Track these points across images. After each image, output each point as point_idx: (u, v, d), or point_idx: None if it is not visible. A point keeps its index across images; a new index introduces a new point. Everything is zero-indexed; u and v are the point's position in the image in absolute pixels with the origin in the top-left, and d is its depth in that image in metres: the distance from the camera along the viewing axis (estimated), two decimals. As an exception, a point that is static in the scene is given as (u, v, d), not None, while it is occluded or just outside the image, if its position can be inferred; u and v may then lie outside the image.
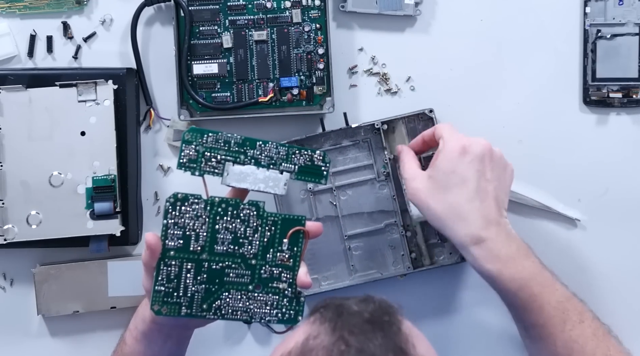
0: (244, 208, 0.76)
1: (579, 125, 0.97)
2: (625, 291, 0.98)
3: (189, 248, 0.74)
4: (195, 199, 0.74)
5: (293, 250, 0.77)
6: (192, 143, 0.75)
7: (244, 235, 0.76)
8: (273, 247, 0.76)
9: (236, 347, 0.99)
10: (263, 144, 0.76)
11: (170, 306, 0.74)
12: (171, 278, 0.74)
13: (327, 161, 0.78)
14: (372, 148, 0.95)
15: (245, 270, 0.76)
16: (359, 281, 0.95)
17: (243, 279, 0.76)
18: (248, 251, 0.76)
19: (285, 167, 0.77)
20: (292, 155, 0.77)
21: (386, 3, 0.95)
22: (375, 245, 0.95)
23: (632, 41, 0.94)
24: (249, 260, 0.76)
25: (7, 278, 0.98)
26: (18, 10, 0.96)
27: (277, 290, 0.77)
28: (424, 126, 0.95)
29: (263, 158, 0.76)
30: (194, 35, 0.94)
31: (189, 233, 0.74)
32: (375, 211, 0.95)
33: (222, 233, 0.75)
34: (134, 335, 0.83)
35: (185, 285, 0.74)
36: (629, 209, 0.97)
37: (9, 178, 0.91)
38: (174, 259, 0.74)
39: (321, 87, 0.95)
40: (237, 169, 0.76)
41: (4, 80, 0.92)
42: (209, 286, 0.75)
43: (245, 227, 0.76)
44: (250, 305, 0.76)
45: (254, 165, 0.76)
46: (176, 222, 0.74)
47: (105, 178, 0.91)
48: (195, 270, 0.75)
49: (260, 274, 0.76)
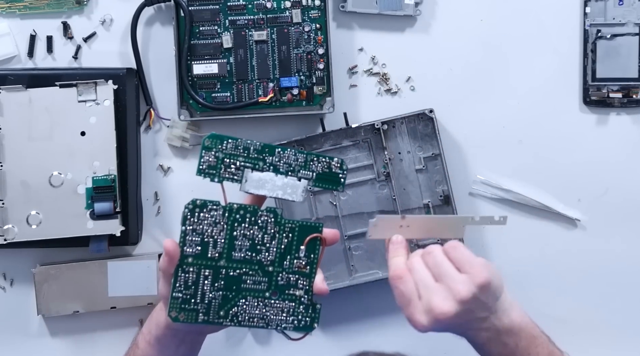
0: (262, 214, 0.75)
1: (579, 125, 0.97)
2: (625, 291, 0.98)
3: (207, 254, 0.74)
4: (214, 205, 0.74)
5: (310, 257, 0.76)
6: (212, 150, 0.74)
7: (262, 241, 0.75)
8: (290, 254, 0.76)
9: (236, 347, 0.99)
10: (282, 151, 0.76)
11: (188, 313, 0.74)
12: (189, 285, 0.74)
13: (345, 168, 0.78)
14: (372, 149, 0.95)
15: (262, 277, 0.76)
16: (359, 281, 0.95)
17: (260, 286, 0.76)
18: (265, 258, 0.76)
19: (303, 174, 0.77)
20: (310, 162, 0.77)
21: (386, 3, 0.95)
22: (376, 245, 0.95)
23: (632, 41, 0.94)
24: (266, 267, 0.76)
25: (7, 278, 0.98)
26: (18, 10, 0.96)
27: (294, 297, 0.76)
28: (424, 126, 0.95)
29: (282, 165, 0.76)
30: (194, 35, 0.94)
31: (207, 239, 0.74)
32: (375, 211, 0.95)
33: (240, 240, 0.75)
34: (147, 339, 0.82)
35: (203, 292, 0.74)
36: (629, 209, 0.97)
37: (9, 178, 0.91)
38: (192, 266, 0.74)
39: (321, 87, 0.95)
40: (256, 176, 0.75)
41: (4, 80, 0.92)
42: (226, 293, 0.75)
43: (263, 233, 0.75)
44: (267, 312, 0.76)
45: (273, 171, 0.76)
46: (194, 229, 0.73)
47: (105, 178, 0.91)
48: (212, 276, 0.74)
49: (277, 281, 0.76)
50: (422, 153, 0.95)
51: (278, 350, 0.98)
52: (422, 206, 0.95)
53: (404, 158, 0.95)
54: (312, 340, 0.97)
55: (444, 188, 0.95)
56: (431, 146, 0.95)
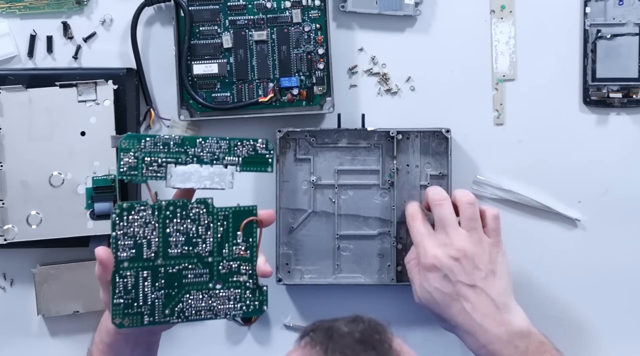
0: (192, 207, 0.75)
1: (579, 125, 0.97)
2: (625, 291, 0.98)
3: (142, 256, 0.74)
4: (142, 206, 0.74)
5: (248, 241, 0.76)
6: (130, 151, 0.74)
7: (197, 234, 0.75)
8: (228, 242, 0.76)
9: (236, 347, 0.99)
10: (203, 141, 0.75)
11: (132, 317, 0.74)
12: (128, 289, 0.73)
13: (271, 148, 0.77)
14: (382, 155, 0.95)
15: (203, 269, 0.76)
16: (341, 282, 0.95)
17: (202, 278, 0.76)
18: (203, 249, 0.75)
19: (228, 160, 0.76)
20: (234, 147, 0.76)
21: (386, 3, 0.95)
22: (365, 251, 0.95)
23: (632, 41, 0.94)
24: (205, 259, 0.75)
25: (7, 278, 0.98)
26: (18, 10, 0.96)
27: (238, 283, 0.76)
28: (437, 144, 0.94)
29: (205, 154, 0.76)
30: (194, 35, 0.94)
31: (140, 241, 0.74)
32: (372, 217, 0.95)
33: (174, 236, 0.75)
34: (100, 348, 0.82)
35: (145, 294, 0.74)
36: (629, 209, 0.97)
37: (9, 178, 0.91)
38: (128, 270, 0.73)
39: (321, 87, 0.95)
40: (180, 170, 0.75)
41: (4, 80, 0.92)
42: (169, 291, 0.75)
43: (196, 225, 0.75)
44: (213, 302, 0.76)
45: (197, 163, 0.76)
46: (125, 232, 0.73)
47: (105, 178, 0.91)
48: (152, 277, 0.74)
49: (219, 270, 0.76)
50: (430, 171, 0.95)
51: (278, 350, 0.98)
52: None
53: (411, 171, 0.95)
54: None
55: None
56: (440, 165, 0.95)
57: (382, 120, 0.96)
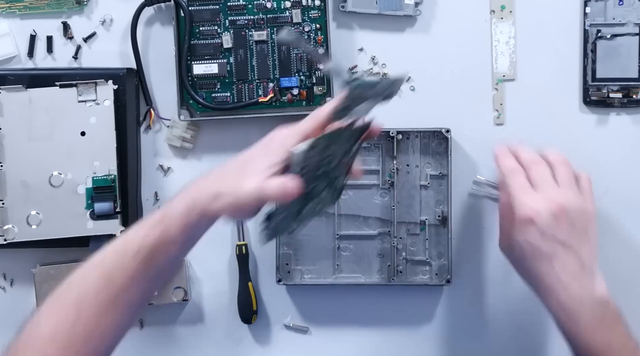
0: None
1: (579, 125, 0.97)
2: (625, 291, 0.98)
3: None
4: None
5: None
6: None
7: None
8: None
9: (236, 347, 0.99)
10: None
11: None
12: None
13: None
14: (382, 155, 0.95)
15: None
16: (341, 282, 0.95)
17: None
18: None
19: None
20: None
21: (386, 3, 0.95)
22: (365, 250, 0.96)
23: (632, 41, 0.94)
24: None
25: (7, 278, 0.98)
26: (18, 10, 0.96)
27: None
28: (437, 144, 0.95)
29: None
30: (194, 35, 0.94)
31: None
32: (372, 217, 0.95)
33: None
34: (185, 222, 0.75)
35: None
36: (629, 209, 0.97)
37: (9, 178, 0.91)
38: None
39: (321, 87, 0.95)
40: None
41: (4, 80, 0.92)
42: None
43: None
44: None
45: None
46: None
47: (105, 178, 0.91)
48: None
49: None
50: (430, 171, 0.95)
51: (278, 350, 0.98)
52: (419, 222, 0.95)
53: (411, 171, 0.95)
54: (307, 338, 0.97)
55: (444, 209, 0.95)
56: (440, 165, 0.95)
57: (382, 120, 0.95)
